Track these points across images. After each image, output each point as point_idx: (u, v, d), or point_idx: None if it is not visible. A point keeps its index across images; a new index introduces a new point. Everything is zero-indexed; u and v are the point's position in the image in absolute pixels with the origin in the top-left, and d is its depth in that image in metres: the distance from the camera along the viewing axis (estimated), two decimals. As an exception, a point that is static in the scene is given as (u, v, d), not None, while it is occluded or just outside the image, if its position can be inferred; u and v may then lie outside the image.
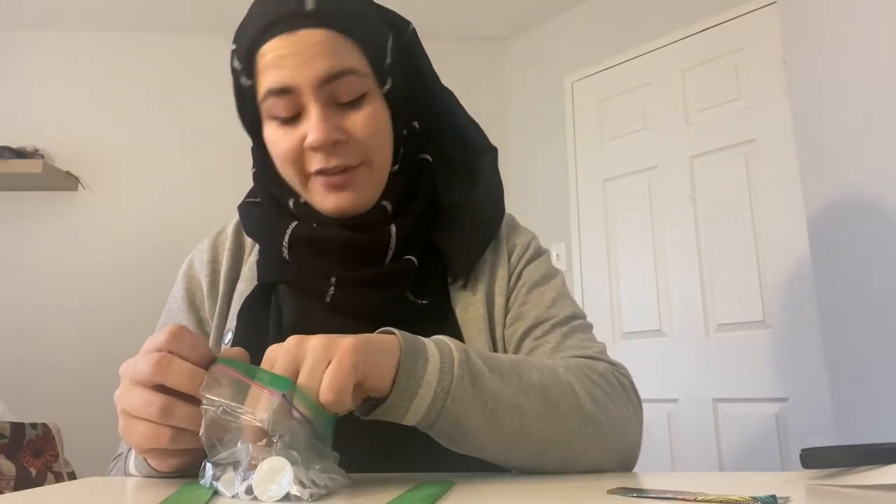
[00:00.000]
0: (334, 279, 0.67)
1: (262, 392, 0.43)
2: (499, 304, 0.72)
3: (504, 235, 0.77)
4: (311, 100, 0.62)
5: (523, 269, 0.75)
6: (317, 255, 0.68)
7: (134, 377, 0.46)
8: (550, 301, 0.71)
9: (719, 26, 2.15)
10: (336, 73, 0.61)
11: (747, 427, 1.91)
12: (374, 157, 0.66)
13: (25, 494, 0.49)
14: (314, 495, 0.41)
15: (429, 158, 0.74)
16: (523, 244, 0.77)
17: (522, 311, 0.71)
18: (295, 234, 0.68)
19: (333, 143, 0.63)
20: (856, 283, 1.41)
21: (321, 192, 0.66)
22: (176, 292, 0.75)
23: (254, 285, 0.71)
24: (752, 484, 0.47)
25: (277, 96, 0.62)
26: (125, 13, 2.46)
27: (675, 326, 2.11)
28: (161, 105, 2.52)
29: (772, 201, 1.95)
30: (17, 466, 1.27)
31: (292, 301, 0.69)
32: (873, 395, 1.35)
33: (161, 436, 0.45)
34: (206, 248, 0.77)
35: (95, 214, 2.42)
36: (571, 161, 2.48)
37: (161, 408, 0.44)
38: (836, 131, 1.50)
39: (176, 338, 0.46)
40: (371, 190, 0.68)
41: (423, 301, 0.69)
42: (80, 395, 2.16)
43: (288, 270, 0.69)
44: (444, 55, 2.61)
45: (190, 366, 0.45)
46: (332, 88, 0.62)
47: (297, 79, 0.61)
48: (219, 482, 0.43)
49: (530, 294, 0.72)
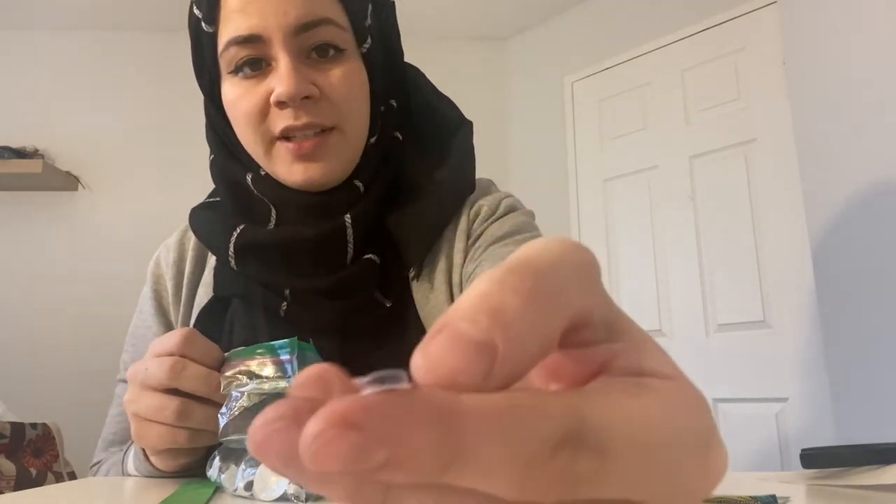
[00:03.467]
0: (288, 291, 0.59)
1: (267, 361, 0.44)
2: (456, 281, 0.62)
3: (469, 203, 0.67)
4: (281, 50, 0.54)
5: (486, 229, 0.64)
6: (266, 265, 0.60)
7: (145, 381, 0.45)
8: (511, 251, 0.62)
9: (719, 26, 2.15)
10: (312, 21, 0.54)
11: (747, 427, 1.91)
12: (348, 122, 0.58)
13: (25, 494, 0.49)
14: (310, 497, 0.41)
15: (398, 136, 0.66)
16: (491, 204, 0.66)
17: (475, 272, 0.60)
18: (240, 241, 0.60)
19: (304, 98, 0.55)
20: (856, 283, 1.41)
21: (287, 161, 0.57)
22: (145, 292, 0.71)
23: (211, 295, 0.65)
24: (752, 484, 0.47)
25: (241, 45, 0.55)
26: (125, 13, 2.46)
27: (675, 326, 2.10)
28: (161, 105, 2.52)
29: (772, 201, 1.95)
30: (18, 466, 1.27)
31: (244, 317, 0.62)
32: (873, 395, 1.35)
33: (178, 437, 0.45)
34: (172, 246, 0.71)
35: (95, 214, 2.42)
36: (571, 161, 2.48)
37: (177, 411, 0.44)
38: (836, 131, 1.50)
39: (188, 342, 0.46)
40: (344, 160, 0.59)
41: (388, 303, 0.61)
42: (80, 395, 2.16)
43: (239, 283, 0.62)
44: (444, 55, 2.63)
45: (204, 369, 0.45)
46: (305, 38, 0.55)
47: (266, 25, 0.53)
48: (223, 475, 0.44)
49: (488, 251, 0.61)
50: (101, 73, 2.52)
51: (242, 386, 0.44)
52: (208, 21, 0.57)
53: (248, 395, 0.43)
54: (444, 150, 0.67)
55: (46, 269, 2.35)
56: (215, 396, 0.45)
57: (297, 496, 0.41)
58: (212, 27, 0.57)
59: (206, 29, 0.58)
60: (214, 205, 0.68)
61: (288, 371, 0.43)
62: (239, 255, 0.60)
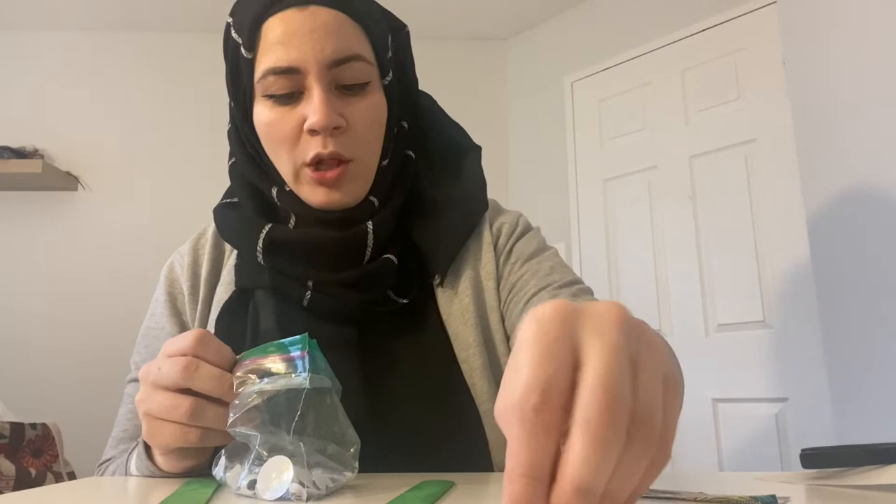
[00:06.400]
0: (311, 283, 0.65)
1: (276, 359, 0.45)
2: (489, 288, 0.70)
3: (487, 220, 0.75)
4: (315, 82, 0.59)
5: (514, 246, 0.73)
6: (292, 260, 0.66)
7: (157, 381, 0.46)
8: (548, 269, 0.70)
9: (719, 26, 2.15)
10: (345, 57, 0.60)
11: (747, 427, 1.91)
12: (367, 151, 0.64)
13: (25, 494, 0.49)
14: (312, 496, 0.41)
15: (412, 155, 0.72)
16: (511, 223, 0.75)
17: (522, 281, 0.69)
18: (269, 238, 0.65)
19: (334, 129, 0.60)
20: (856, 283, 1.41)
21: (311, 185, 0.63)
22: (158, 296, 0.74)
23: (232, 290, 0.70)
24: (752, 484, 0.47)
25: (279, 75, 0.60)
26: (125, 13, 2.46)
27: (675, 326, 2.10)
28: (161, 105, 2.52)
29: (772, 201, 1.95)
30: (17, 466, 1.27)
31: (269, 306, 0.67)
32: (873, 396, 1.35)
33: (190, 436, 0.46)
34: (186, 252, 0.75)
35: (95, 214, 2.42)
36: (571, 161, 2.48)
37: (190, 410, 0.45)
38: (836, 131, 1.50)
39: (201, 342, 0.46)
40: (361, 186, 0.66)
41: (405, 300, 0.67)
42: (79, 395, 2.16)
43: (264, 275, 0.67)
44: (444, 55, 2.63)
45: (217, 370, 0.46)
46: (337, 72, 0.60)
47: (305, 59, 0.59)
48: (228, 474, 0.44)
49: (526, 265, 0.71)
50: (101, 73, 2.52)
51: (254, 384, 0.44)
52: (248, 48, 0.62)
53: (260, 390, 0.43)
54: (457, 169, 0.75)
55: (46, 269, 2.35)
56: (227, 396, 0.46)
57: (299, 496, 0.41)
58: (251, 54, 0.62)
59: (245, 55, 0.62)
60: (234, 205, 0.73)
61: (299, 367, 0.44)
62: (267, 250, 0.65)
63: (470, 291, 0.69)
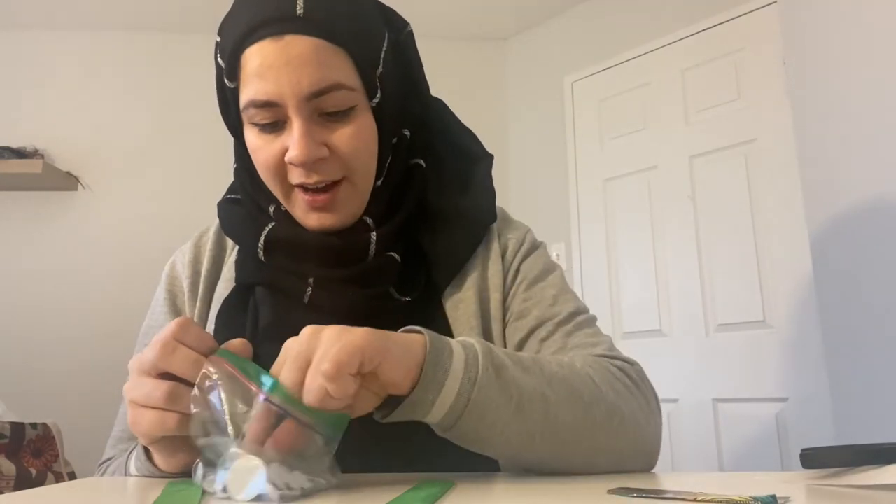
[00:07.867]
0: (312, 279, 0.65)
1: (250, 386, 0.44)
2: (494, 299, 0.70)
3: (496, 231, 0.75)
4: (295, 114, 0.58)
5: (521, 265, 0.73)
6: (293, 258, 0.66)
7: (140, 367, 0.47)
8: (552, 299, 0.70)
9: (719, 26, 2.15)
10: (324, 87, 0.58)
11: (747, 427, 1.91)
12: (357, 173, 0.63)
13: (25, 494, 0.49)
14: (285, 497, 0.41)
15: (421, 163, 0.71)
16: (518, 239, 0.75)
17: (525, 309, 0.69)
18: (271, 236, 0.66)
19: (315, 161, 0.60)
20: (856, 283, 1.41)
21: (303, 208, 0.64)
22: (159, 294, 0.75)
23: (232, 286, 0.70)
24: (752, 484, 0.47)
25: (259, 108, 0.59)
26: (125, 13, 2.46)
27: (675, 326, 2.10)
28: (161, 105, 2.52)
29: (772, 201, 1.95)
30: (17, 466, 1.27)
31: (269, 302, 0.67)
32: (873, 395, 1.35)
33: (168, 421, 0.46)
34: (188, 249, 0.76)
35: (95, 214, 2.42)
36: (571, 161, 2.48)
37: (166, 392, 0.45)
38: (837, 131, 1.50)
39: (183, 328, 0.47)
40: (354, 207, 0.65)
41: (407, 298, 0.67)
42: (80, 395, 2.16)
43: (265, 272, 0.67)
44: (444, 55, 2.63)
45: (194, 353, 0.46)
46: (317, 103, 0.59)
47: (282, 92, 0.57)
48: (205, 480, 0.44)
49: (531, 290, 0.71)
50: (101, 73, 2.52)
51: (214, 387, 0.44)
52: (230, 77, 0.61)
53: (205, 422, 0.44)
54: (468, 178, 0.74)
55: (46, 269, 2.35)
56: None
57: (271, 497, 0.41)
58: (233, 83, 0.62)
59: (227, 84, 0.62)
60: (239, 201, 0.73)
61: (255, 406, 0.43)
62: (268, 248, 0.66)
63: (475, 298, 0.69)
